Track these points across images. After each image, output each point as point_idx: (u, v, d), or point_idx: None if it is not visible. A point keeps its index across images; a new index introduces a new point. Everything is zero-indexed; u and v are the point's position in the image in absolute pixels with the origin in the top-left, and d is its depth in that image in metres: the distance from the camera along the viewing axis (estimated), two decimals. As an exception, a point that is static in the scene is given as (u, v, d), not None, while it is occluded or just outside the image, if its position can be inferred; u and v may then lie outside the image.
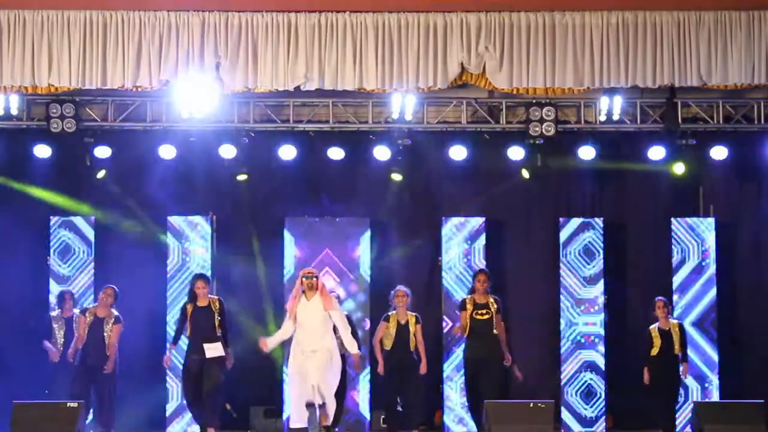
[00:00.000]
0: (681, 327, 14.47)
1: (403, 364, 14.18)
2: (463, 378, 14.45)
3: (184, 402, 14.21)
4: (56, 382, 14.38)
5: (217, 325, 13.71)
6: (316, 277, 12.76)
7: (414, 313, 14.29)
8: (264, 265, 15.80)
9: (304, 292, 12.68)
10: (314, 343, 12.60)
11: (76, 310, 14.62)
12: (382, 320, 14.34)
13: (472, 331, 14.07)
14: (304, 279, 12.71)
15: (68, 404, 13.28)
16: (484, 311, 14.06)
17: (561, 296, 15.67)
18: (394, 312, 14.28)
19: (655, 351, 14.31)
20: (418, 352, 14.24)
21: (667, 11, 13.22)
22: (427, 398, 15.35)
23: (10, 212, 15.62)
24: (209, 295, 13.93)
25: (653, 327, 14.41)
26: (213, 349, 13.65)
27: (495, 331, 14.03)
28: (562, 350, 15.62)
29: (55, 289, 15.23)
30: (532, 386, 15.08)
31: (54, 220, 15.55)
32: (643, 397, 14.60)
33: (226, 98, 14.99)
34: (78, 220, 15.58)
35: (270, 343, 13.05)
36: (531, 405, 13.56)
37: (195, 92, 13.82)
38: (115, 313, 14.22)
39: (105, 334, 14.06)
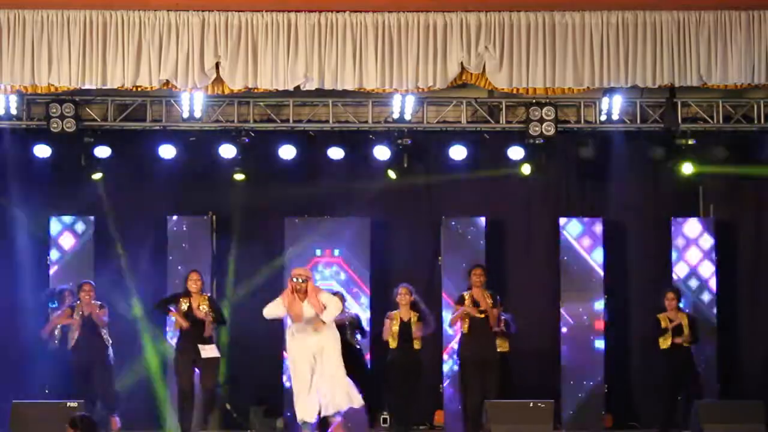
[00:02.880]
0: (690, 318, 14.43)
1: (408, 363, 14.10)
2: (458, 376, 14.38)
3: (178, 397, 13.96)
4: (56, 379, 14.39)
5: (209, 327, 13.68)
6: (306, 279, 12.66)
7: (416, 312, 14.21)
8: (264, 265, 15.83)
9: (296, 293, 12.62)
10: (312, 343, 12.62)
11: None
12: (386, 318, 14.28)
13: (469, 330, 14.01)
14: (293, 281, 12.65)
15: (68, 404, 13.28)
16: (478, 310, 13.97)
17: (561, 296, 15.67)
18: (397, 311, 14.22)
19: (666, 344, 14.27)
20: (423, 351, 14.18)
21: (667, 11, 13.20)
22: (427, 398, 15.37)
23: (10, 212, 15.62)
24: (202, 293, 13.84)
25: (662, 315, 14.34)
26: (208, 350, 13.64)
27: (494, 329, 13.98)
28: (562, 350, 15.62)
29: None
30: (532, 386, 15.06)
31: (54, 219, 15.56)
32: (643, 396, 14.61)
33: (226, 98, 15.01)
34: (78, 220, 15.58)
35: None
36: (531, 405, 13.56)
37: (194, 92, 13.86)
38: (98, 303, 14.23)
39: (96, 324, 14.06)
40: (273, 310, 12.79)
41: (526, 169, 15.67)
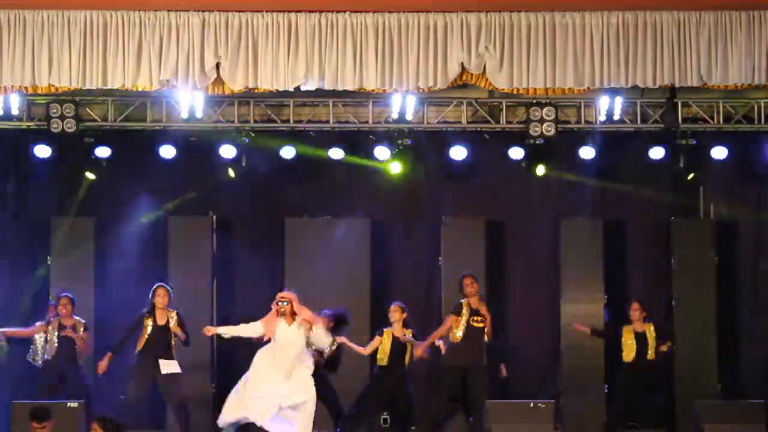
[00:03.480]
0: (655, 327, 14.46)
1: (398, 382, 13.90)
2: (445, 384, 14.04)
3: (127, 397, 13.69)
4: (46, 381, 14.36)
5: (172, 344, 13.57)
6: (289, 301, 12.45)
7: (411, 329, 13.97)
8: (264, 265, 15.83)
9: (278, 315, 12.46)
10: (286, 371, 12.39)
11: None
12: (376, 335, 14.00)
13: (465, 338, 13.84)
14: (277, 304, 12.47)
15: (68, 404, 13.27)
16: (479, 318, 13.87)
17: (561, 296, 15.67)
18: (389, 327, 13.97)
19: (630, 356, 14.30)
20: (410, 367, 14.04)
21: (667, 11, 13.19)
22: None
23: (11, 212, 15.62)
24: (168, 308, 13.66)
25: (627, 327, 14.40)
26: (168, 366, 13.49)
27: (487, 338, 13.88)
28: (562, 350, 15.62)
29: (54, 290, 15.22)
30: (532, 386, 15.06)
31: (54, 220, 15.55)
32: (642, 397, 14.63)
33: (226, 98, 15.00)
34: (78, 221, 15.58)
35: (218, 331, 12.91)
36: (531, 405, 13.56)
37: (195, 92, 13.86)
38: (81, 320, 14.14)
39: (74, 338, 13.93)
40: (247, 329, 12.63)
41: (540, 170, 15.70)
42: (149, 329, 13.57)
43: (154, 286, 13.83)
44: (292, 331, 12.51)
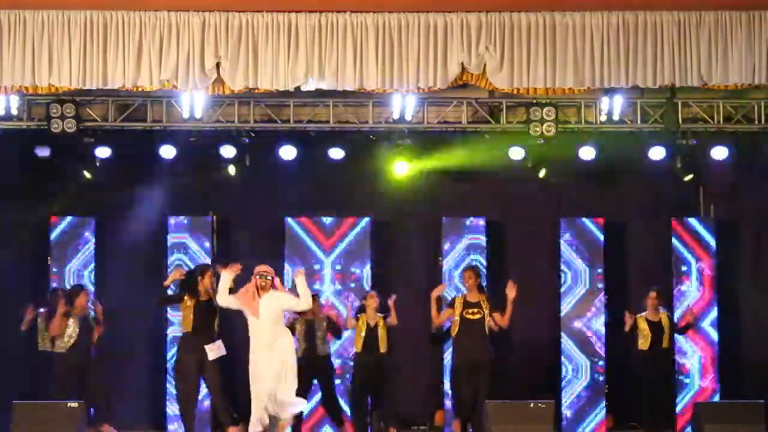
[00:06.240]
0: (670, 319, 14.61)
1: (373, 365, 14.10)
2: (451, 382, 14.14)
3: (177, 404, 13.70)
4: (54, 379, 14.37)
5: (217, 323, 13.32)
6: (272, 277, 12.47)
7: (382, 315, 14.17)
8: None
9: (257, 290, 12.42)
10: (268, 343, 12.37)
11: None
12: (353, 317, 14.27)
13: (462, 332, 13.78)
14: (257, 277, 12.42)
15: (68, 404, 13.27)
16: (475, 310, 13.81)
17: (561, 296, 15.68)
18: (364, 314, 14.21)
19: (646, 344, 14.40)
20: (390, 354, 14.18)
21: (667, 11, 13.19)
22: (427, 398, 15.37)
23: (11, 211, 15.62)
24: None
25: (641, 316, 14.52)
26: (215, 350, 13.22)
27: (488, 329, 13.84)
28: (563, 350, 15.64)
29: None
30: (532, 386, 15.07)
31: (54, 219, 15.56)
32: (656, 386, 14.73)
33: (226, 98, 15.00)
34: (78, 220, 15.59)
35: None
36: (531, 405, 13.55)
37: (195, 92, 13.84)
38: (91, 307, 14.17)
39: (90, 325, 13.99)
40: (225, 299, 12.63)
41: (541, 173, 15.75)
42: (193, 307, 13.21)
43: (201, 266, 13.66)
44: (264, 302, 12.37)
